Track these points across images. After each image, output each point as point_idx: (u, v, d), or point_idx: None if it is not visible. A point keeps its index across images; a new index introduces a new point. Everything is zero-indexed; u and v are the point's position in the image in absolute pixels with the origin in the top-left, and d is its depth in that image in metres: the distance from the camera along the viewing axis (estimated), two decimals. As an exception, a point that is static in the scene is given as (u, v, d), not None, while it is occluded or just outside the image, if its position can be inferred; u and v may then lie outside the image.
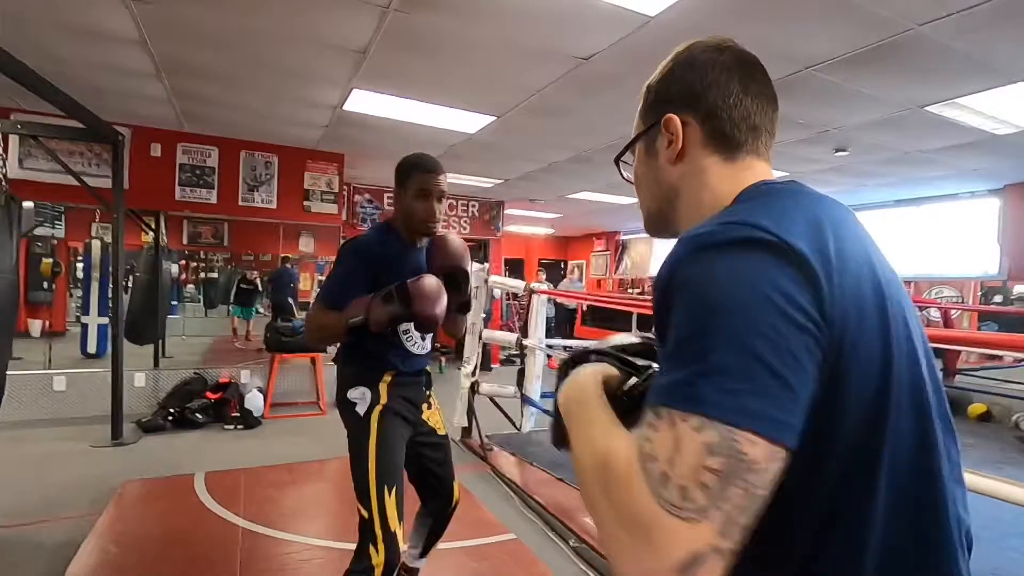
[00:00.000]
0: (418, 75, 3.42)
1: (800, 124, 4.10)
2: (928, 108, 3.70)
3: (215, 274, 14.66)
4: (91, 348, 6.77)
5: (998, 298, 6.03)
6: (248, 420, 4.51)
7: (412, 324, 1.69)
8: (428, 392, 1.89)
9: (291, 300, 8.28)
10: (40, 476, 3.32)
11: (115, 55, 3.30)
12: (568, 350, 0.70)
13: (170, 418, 4.35)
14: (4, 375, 2.24)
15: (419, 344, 1.77)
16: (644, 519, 0.43)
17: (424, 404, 1.86)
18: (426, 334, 1.77)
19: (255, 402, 4.69)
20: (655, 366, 0.61)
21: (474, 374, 4.23)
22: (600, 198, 7.35)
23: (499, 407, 4.31)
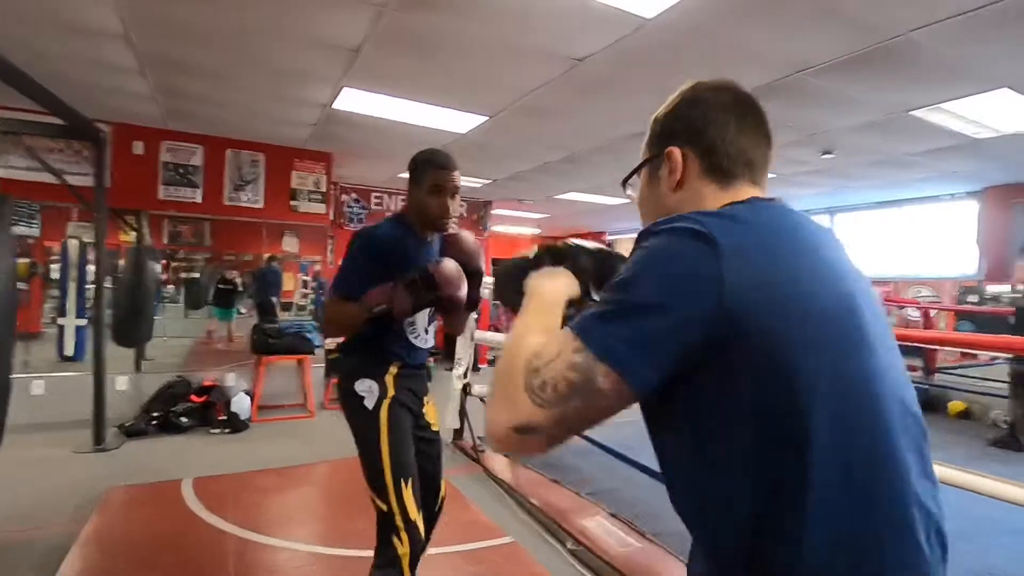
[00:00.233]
0: (411, 74, 3.39)
1: (789, 127, 4.15)
2: (913, 112, 3.77)
3: (196, 274, 14.39)
4: (68, 351, 6.58)
5: (973, 298, 6.17)
6: (235, 423, 4.42)
7: (416, 316, 1.68)
8: (427, 386, 1.89)
9: (274, 300, 8.15)
10: (21, 483, 3.21)
11: (97, 50, 3.21)
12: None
13: (154, 422, 4.25)
14: (9, 380, 2.14)
15: (422, 337, 1.77)
16: (513, 391, 0.61)
17: (425, 397, 1.87)
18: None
19: (242, 405, 4.60)
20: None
21: (466, 375, 4.22)
22: (588, 198, 7.37)
23: (490, 408, 4.29)
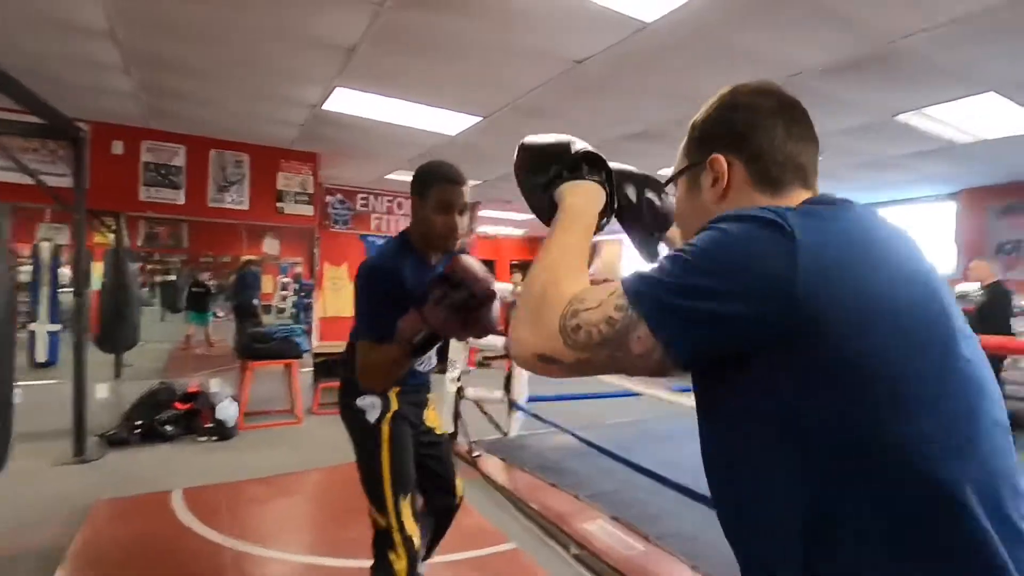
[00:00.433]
0: (406, 74, 3.34)
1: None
2: (898, 117, 3.85)
3: (172, 276, 13.98)
4: (40, 357, 6.38)
5: (949, 297, 6.32)
6: (222, 431, 4.30)
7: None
8: (428, 397, 1.89)
9: (256, 304, 7.98)
10: (-2, 499, 3.08)
11: (80, 46, 3.10)
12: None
13: (137, 431, 4.11)
14: (11, 394, 2.03)
15: (425, 363, 1.75)
16: (547, 320, 0.62)
17: (425, 408, 1.87)
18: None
19: (228, 412, 4.47)
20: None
21: (459, 379, 4.17)
22: (575, 200, 7.38)
23: (484, 412, 4.26)
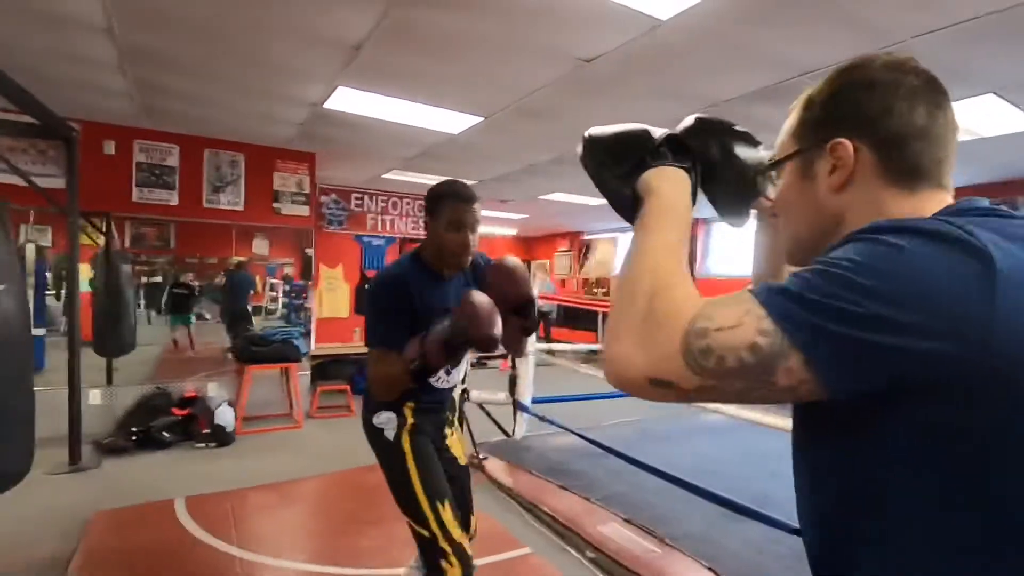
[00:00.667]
0: (411, 73, 3.28)
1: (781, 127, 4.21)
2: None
3: (158, 278, 13.75)
4: (27, 362, 6.20)
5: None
6: (221, 437, 4.22)
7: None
8: (452, 417, 1.87)
9: (247, 307, 7.84)
10: (-8, 511, 2.98)
11: (73, 42, 2.99)
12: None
13: (134, 438, 4.02)
14: (33, 402, 1.94)
15: (442, 379, 1.73)
16: (663, 338, 0.51)
17: (447, 428, 1.84)
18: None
19: (226, 417, 4.39)
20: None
21: (464, 380, 4.13)
22: (572, 199, 7.35)
23: (488, 414, 4.22)
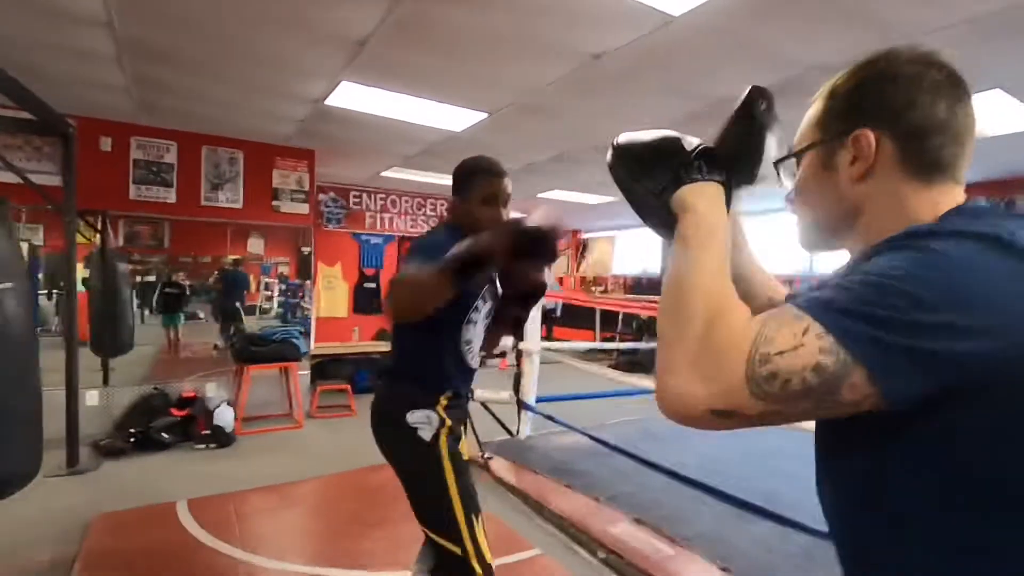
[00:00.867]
0: (416, 69, 3.24)
1: (789, 124, 4.19)
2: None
3: (152, 277, 13.63)
4: (20, 362, 6.10)
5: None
6: (220, 438, 4.17)
7: (476, 330, 1.57)
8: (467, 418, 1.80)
9: (239, 306, 7.77)
10: (-11, 515, 2.91)
11: (71, 36, 2.93)
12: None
13: (132, 440, 3.95)
14: (40, 403, 1.89)
15: (475, 357, 1.66)
16: (725, 369, 0.50)
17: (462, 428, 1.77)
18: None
19: (225, 417, 4.34)
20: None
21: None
22: (571, 197, 7.32)
23: (492, 413, 4.19)
